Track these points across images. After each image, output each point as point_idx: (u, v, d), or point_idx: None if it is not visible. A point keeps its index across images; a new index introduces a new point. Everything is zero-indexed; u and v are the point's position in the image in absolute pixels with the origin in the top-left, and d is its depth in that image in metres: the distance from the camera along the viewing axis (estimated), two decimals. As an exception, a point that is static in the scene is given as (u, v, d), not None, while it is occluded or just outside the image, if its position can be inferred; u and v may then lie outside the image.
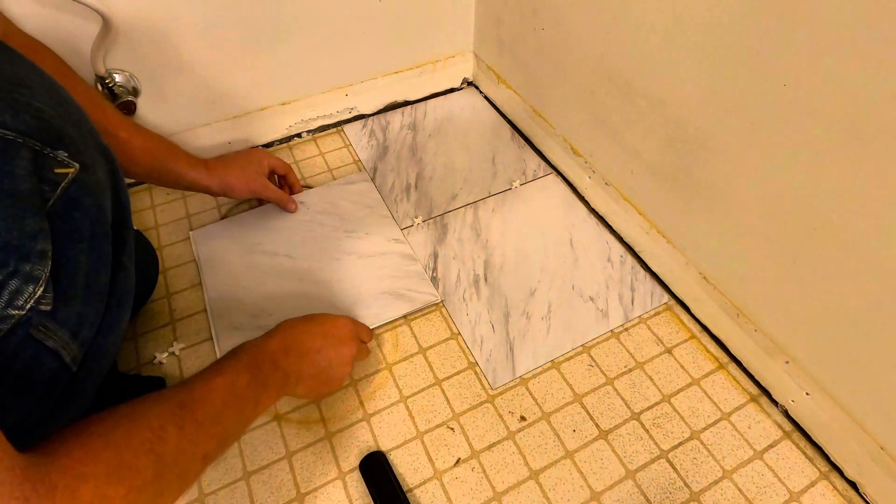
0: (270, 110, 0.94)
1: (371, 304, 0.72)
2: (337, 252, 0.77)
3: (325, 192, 0.86)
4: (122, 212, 0.45)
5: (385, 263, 0.76)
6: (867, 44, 0.44)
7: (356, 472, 0.60)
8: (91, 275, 0.39)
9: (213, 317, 0.69)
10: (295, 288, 0.72)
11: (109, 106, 0.62)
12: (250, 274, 0.73)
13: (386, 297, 0.73)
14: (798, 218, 0.55)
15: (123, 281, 0.45)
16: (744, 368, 0.70)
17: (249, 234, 0.78)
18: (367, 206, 0.84)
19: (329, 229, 0.80)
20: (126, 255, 0.45)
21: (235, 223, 0.80)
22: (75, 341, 0.39)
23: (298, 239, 0.78)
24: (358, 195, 0.86)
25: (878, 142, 0.45)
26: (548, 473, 0.61)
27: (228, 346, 0.57)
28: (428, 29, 0.99)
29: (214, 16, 0.78)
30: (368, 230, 0.81)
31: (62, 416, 0.41)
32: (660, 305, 0.76)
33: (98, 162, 0.42)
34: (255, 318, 0.69)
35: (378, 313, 0.71)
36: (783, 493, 0.60)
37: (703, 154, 0.64)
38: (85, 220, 0.39)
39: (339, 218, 0.82)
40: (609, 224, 0.85)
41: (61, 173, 0.37)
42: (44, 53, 0.58)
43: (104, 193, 0.42)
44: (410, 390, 0.67)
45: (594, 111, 0.79)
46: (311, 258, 0.76)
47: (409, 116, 1.04)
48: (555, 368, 0.69)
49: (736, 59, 0.55)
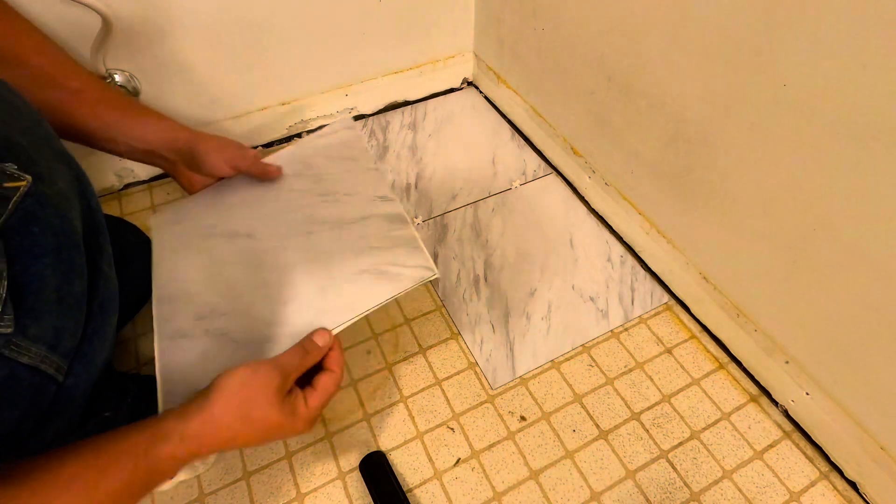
0: (270, 110, 0.94)
1: (344, 289, 0.55)
2: (307, 223, 0.61)
3: (297, 150, 0.68)
4: (93, 218, 0.43)
5: (365, 231, 0.59)
6: (867, 44, 0.44)
7: (356, 472, 0.60)
8: (62, 287, 0.37)
9: (158, 322, 0.54)
10: (252, 277, 0.57)
11: (60, 52, 0.54)
12: (202, 263, 0.59)
13: (365, 277, 0.55)
14: (798, 218, 0.55)
15: (104, 287, 0.43)
16: (744, 368, 0.70)
17: (206, 214, 0.63)
18: (349, 160, 0.67)
19: (298, 195, 0.63)
20: (105, 262, 0.43)
21: (193, 203, 0.64)
22: (55, 353, 0.37)
23: (263, 213, 0.62)
24: (338, 148, 0.68)
25: (877, 142, 0.45)
26: (548, 473, 0.61)
27: (173, 360, 0.49)
28: (428, 29, 0.99)
29: (214, 16, 0.78)
30: (348, 190, 0.64)
31: (56, 422, 0.41)
32: (660, 305, 0.76)
33: (57, 170, 0.39)
34: (203, 319, 0.54)
35: (351, 302, 0.53)
36: (783, 493, 0.60)
37: (704, 154, 0.64)
38: (46, 233, 0.36)
39: (313, 179, 0.65)
40: (609, 224, 0.85)
41: (11, 187, 0.35)
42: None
43: (68, 202, 0.39)
44: (410, 390, 0.67)
45: (594, 111, 0.80)
46: (274, 235, 0.60)
47: (409, 116, 1.04)
48: (555, 368, 0.69)
49: (736, 59, 0.55)
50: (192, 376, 0.48)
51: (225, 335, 0.51)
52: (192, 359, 0.50)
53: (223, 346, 0.51)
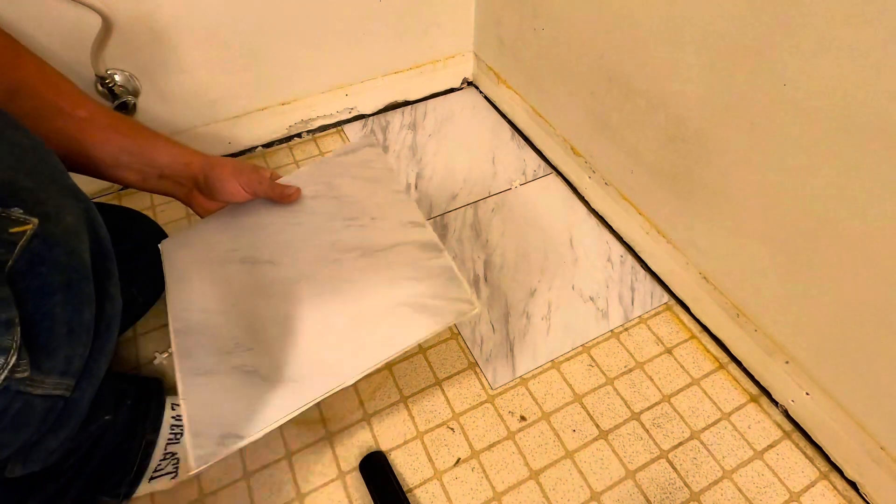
0: (270, 110, 0.94)
1: (382, 322, 0.52)
2: (333, 251, 0.58)
3: (317, 170, 0.64)
4: (102, 246, 0.43)
5: (398, 260, 0.56)
6: (867, 44, 0.44)
7: (356, 472, 0.60)
8: (73, 319, 0.38)
9: (179, 358, 0.51)
10: (278, 308, 0.54)
11: (66, 83, 0.54)
12: (222, 293, 0.55)
13: (403, 310, 0.52)
14: (798, 218, 0.55)
15: (110, 308, 0.43)
16: (744, 368, 0.70)
17: (223, 239, 0.59)
18: (373, 181, 0.63)
19: (322, 218, 0.60)
20: (111, 284, 0.44)
21: (206, 226, 0.61)
22: (66, 377, 0.38)
23: (285, 238, 0.59)
24: (360, 167, 0.64)
25: (877, 142, 0.45)
26: (548, 473, 0.61)
27: (199, 399, 0.47)
28: (428, 29, 0.99)
29: (214, 16, 0.78)
30: (375, 214, 0.60)
31: (60, 432, 0.41)
32: (660, 305, 0.76)
33: (65, 206, 0.39)
34: (229, 355, 0.51)
35: (390, 338, 0.50)
36: (783, 493, 0.60)
37: (704, 154, 0.63)
38: (54, 272, 0.36)
39: (336, 202, 0.61)
40: (609, 224, 0.85)
41: (18, 232, 0.35)
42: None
43: (77, 237, 0.39)
44: (410, 390, 0.67)
45: (594, 111, 0.79)
46: (299, 263, 0.57)
47: (409, 116, 1.04)
48: (555, 368, 0.69)
49: (736, 59, 0.55)
50: (221, 417, 0.46)
51: (253, 372, 0.49)
52: (220, 397, 0.48)
53: (252, 384, 0.48)
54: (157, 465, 0.55)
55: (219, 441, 0.45)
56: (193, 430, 0.45)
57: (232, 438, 0.45)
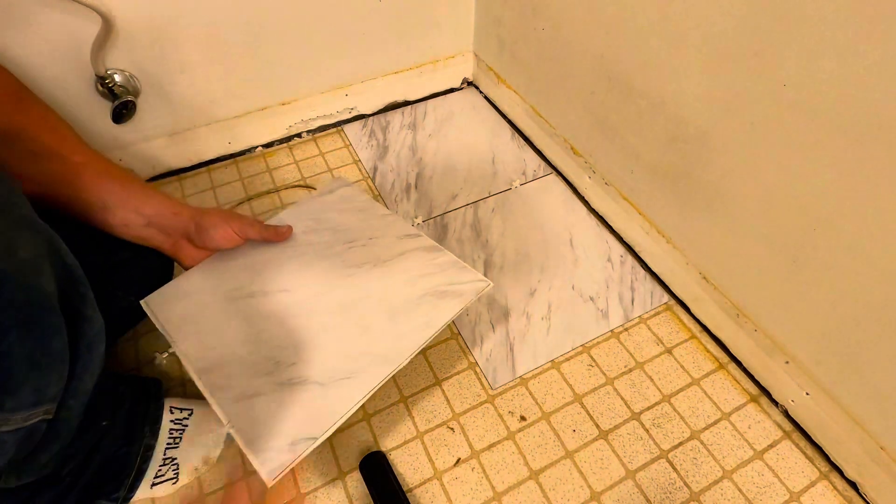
0: (270, 110, 0.94)
1: (413, 311, 0.58)
2: (343, 268, 0.62)
3: (301, 210, 0.69)
4: (70, 273, 0.43)
5: (408, 265, 0.63)
6: (867, 44, 0.44)
7: (356, 472, 0.60)
8: (35, 353, 0.37)
9: (212, 392, 0.53)
10: (310, 322, 0.57)
11: (67, 128, 0.55)
12: (239, 326, 0.57)
13: (428, 299, 0.59)
14: (798, 218, 0.55)
15: (90, 329, 0.43)
16: (744, 368, 0.70)
17: (222, 281, 0.61)
18: (360, 211, 0.69)
19: (322, 246, 0.65)
20: (87, 307, 0.43)
21: (197, 274, 0.62)
22: (40, 406, 0.37)
23: (290, 269, 0.62)
24: (342, 202, 0.70)
25: (877, 142, 0.45)
26: (548, 473, 0.61)
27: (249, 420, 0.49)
28: (428, 29, 0.99)
29: (214, 16, 0.78)
30: (371, 235, 0.66)
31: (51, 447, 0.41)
32: (660, 305, 0.76)
33: (20, 239, 0.38)
34: (270, 375, 0.53)
35: (426, 322, 0.57)
36: (783, 493, 0.60)
37: (704, 154, 0.64)
38: (7, 311, 0.35)
39: (331, 232, 0.66)
40: (609, 224, 0.85)
41: None
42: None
43: (35, 269, 0.38)
44: (410, 390, 0.67)
45: (594, 111, 0.80)
46: (315, 283, 0.61)
47: (409, 116, 1.04)
48: (555, 368, 0.69)
49: (736, 59, 0.55)
50: (283, 428, 0.49)
51: (306, 382, 0.52)
52: (275, 412, 0.50)
53: (307, 390, 0.51)
54: (157, 471, 0.55)
55: (288, 449, 0.47)
56: (255, 449, 0.47)
57: (303, 442, 0.48)
